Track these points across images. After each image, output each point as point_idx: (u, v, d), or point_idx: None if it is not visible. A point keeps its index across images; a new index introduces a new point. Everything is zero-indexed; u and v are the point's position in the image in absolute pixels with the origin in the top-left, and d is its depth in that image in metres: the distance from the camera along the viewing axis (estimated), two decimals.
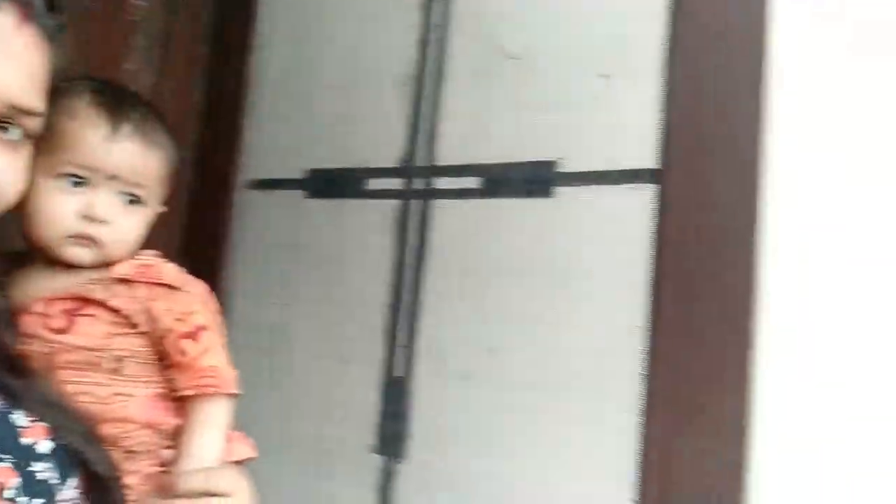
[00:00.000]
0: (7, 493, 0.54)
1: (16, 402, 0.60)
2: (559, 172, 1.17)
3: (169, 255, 0.77)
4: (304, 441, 1.29)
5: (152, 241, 0.77)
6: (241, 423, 0.75)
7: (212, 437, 0.71)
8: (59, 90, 0.64)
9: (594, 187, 1.15)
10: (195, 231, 1.34)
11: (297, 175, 1.40)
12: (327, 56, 1.41)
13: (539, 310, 1.16)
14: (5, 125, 0.58)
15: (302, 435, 1.29)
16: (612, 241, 1.12)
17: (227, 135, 1.44)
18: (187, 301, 0.73)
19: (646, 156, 1.11)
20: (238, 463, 0.73)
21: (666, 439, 1.04)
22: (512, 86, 1.23)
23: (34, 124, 0.60)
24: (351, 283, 1.31)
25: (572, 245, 1.15)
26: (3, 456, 0.56)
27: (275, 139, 1.45)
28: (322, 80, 1.42)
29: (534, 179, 1.19)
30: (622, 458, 1.05)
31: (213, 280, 1.09)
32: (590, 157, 1.16)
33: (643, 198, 1.11)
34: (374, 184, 1.32)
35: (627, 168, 1.13)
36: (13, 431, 0.58)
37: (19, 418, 0.59)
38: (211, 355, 0.72)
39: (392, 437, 1.22)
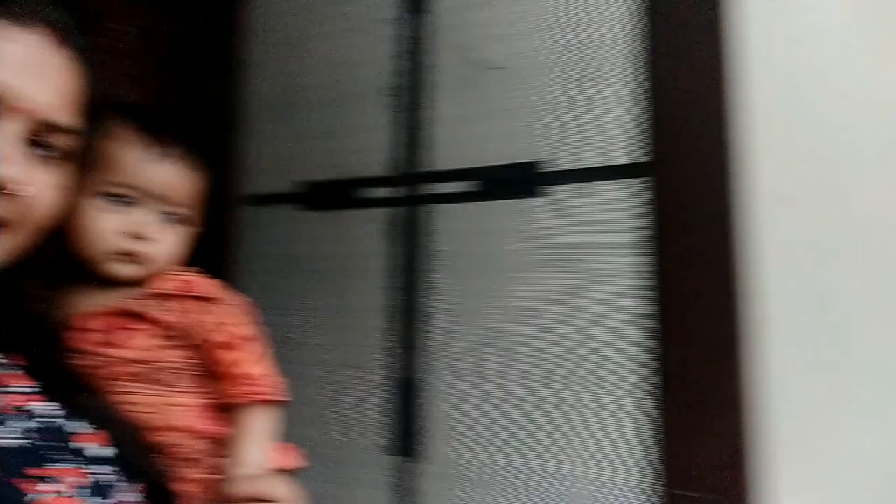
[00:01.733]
0: (70, 492, 0.56)
1: (75, 414, 0.62)
2: (547, 172, 1.23)
3: None
4: (315, 446, 1.31)
5: None
6: None
7: (255, 444, 0.73)
8: (100, 111, 0.67)
9: (580, 184, 1.21)
10: (198, 249, 1.36)
11: (292, 188, 1.43)
12: (313, 71, 1.45)
13: (538, 304, 1.20)
14: (42, 143, 0.59)
15: (313, 440, 1.32)
16: (600, 233, 1.18)
17: (224, 153, 1.47)
18: (225, 313, 0.76)
19: (625, 151, 1.18)
20: (288, 471, 0.76)
21: (674, 422, 1.09)
22: (495, 94, 1.28)
23: (71, 142, 0.61)
24: (352, 290, 1.34)
25: (564, 240, 1.20)
26: (64, 457, 0.58)
27: (269, 155, 1.48)
28: (310, 94, 1.45)
29: (523, 180, 1.25)
30: (629, 441, 1.11)
31: None
32: (573, 155, 1.22)
33: (625, 191, 1.17)
34: (367, 192, 1.36)
35: (608, 164, 1.19)
36: (69, 437, 0.60)
37: (82, 426, 0.62)
38: (248, 364, 0.75)
39: (405, 436, 1.25)
